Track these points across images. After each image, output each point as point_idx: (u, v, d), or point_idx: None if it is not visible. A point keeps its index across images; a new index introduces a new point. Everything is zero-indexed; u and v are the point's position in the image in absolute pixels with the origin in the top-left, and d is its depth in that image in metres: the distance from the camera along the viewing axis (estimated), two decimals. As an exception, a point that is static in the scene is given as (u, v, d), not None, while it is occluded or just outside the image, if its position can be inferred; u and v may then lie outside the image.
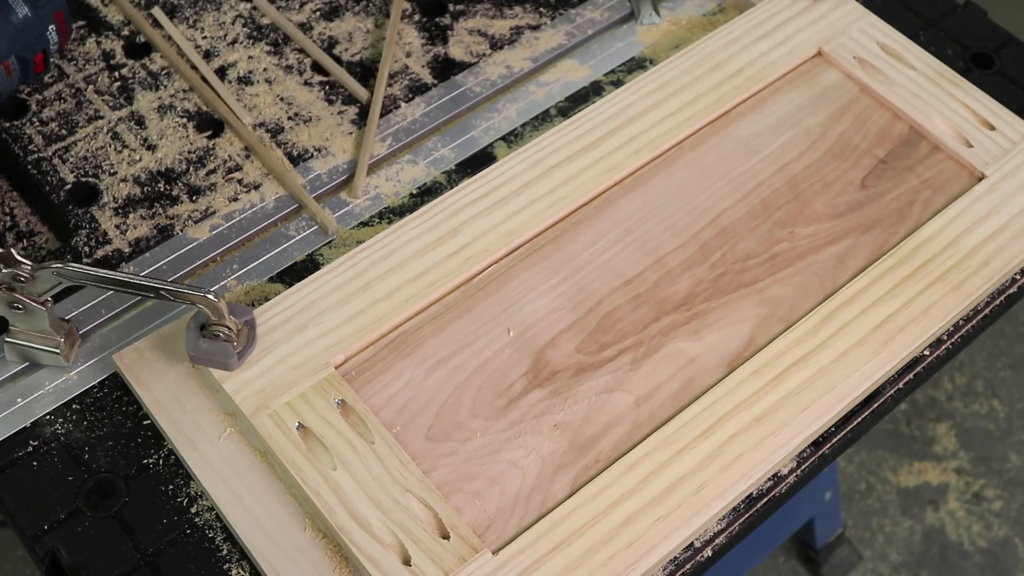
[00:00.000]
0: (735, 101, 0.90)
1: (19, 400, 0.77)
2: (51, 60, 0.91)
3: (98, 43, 0.97)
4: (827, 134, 0.90)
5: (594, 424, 0.75)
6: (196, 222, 0.86)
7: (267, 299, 0.80)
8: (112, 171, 0.89)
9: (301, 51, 0.97)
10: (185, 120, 0.92)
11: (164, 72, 0.95)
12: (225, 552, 0.71)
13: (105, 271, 0.73)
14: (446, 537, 0.69)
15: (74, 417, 0.77)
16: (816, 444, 0.76)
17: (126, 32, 0.98)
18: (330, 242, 0.86)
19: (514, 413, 0.75)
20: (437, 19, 1.00)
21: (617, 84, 0.95)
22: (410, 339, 0.78)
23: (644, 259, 0.82)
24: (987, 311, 0.83)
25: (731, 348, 0.78)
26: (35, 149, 0.90)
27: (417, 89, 0.95)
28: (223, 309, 0.73)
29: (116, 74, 0.95)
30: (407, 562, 0.68)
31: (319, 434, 0.72)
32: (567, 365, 0.77)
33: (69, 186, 0.88)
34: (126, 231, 0.86)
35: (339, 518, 0.69)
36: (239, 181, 0.89)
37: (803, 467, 0.76)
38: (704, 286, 0.81)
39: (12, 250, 0.73)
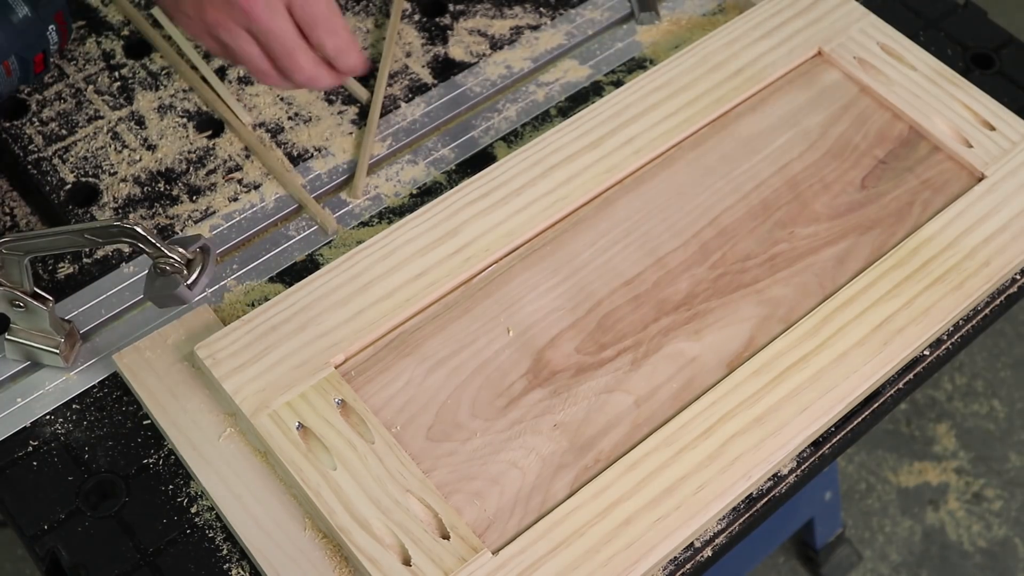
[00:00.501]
0: (735, 101, 0.90)
1: (19, 400, 0.77)
2: (51, 60, 0.91)
3: (98, 43, 0.97)
4: (827, 134, 0.90)
5: (594, 424, 0.75)
6: (196, 222, 0.86)
7: (267, 299, 0.80)
8: (112, 171, 0.89)
9: (301, 51, 0.97)
10: (185, 120, 0.92)
11: (164, 72, 0.95)
12: (225, 552, 0.71)
13: (37, 231, 0.71)
14: (446, 537, 0.69)
15: (74, 417, 0.77)
16: (816, 444, 0.76)
17: (126, 32, 0.98)
18: (330, 242, 0.86)
19: (514, 413, 0.75)
20: (437, 19, 1.00)
21: (617, 84, 0.95)
22: (410, 339, 0.78)
23: (644, 259, 0.82)
24: (987, 311, 0.83)
25: (731, 348, 0.78)
26: (35, 149, 0.90)
27: (417, 89, 0.95)
28: (146, 234, 0.70)
29: (116, 74, 0.95)
30: (407, 562, 0.68)
31: (319, 434, 0.72)
32: (567, 365, 0.77)
33: (69, 186, 0.88)
34: (126, 231, 0.86)
35: (339, 518, 0.69)
36: (239, 181, 0.89)
37: (803, 467, 0.76)
38: (704, 286, 0.81)
39: None
